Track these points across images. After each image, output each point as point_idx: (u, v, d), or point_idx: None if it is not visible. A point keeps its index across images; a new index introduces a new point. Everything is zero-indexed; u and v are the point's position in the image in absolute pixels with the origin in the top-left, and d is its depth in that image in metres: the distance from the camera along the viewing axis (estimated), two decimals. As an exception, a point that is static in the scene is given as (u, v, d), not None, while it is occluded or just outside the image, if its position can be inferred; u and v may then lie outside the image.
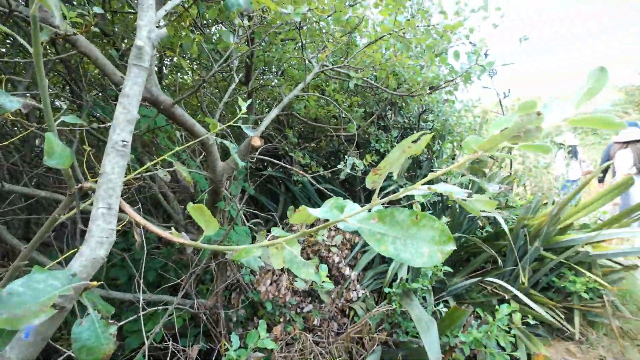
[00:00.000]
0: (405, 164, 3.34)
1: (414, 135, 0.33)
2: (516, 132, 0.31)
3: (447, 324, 1.74)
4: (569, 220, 2.50)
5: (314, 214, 0.37)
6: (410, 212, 0.35)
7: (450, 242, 0.32)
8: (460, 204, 0.36)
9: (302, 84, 1.45)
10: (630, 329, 2.42)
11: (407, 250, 0.33)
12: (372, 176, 0.35)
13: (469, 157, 0.35)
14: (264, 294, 1.84)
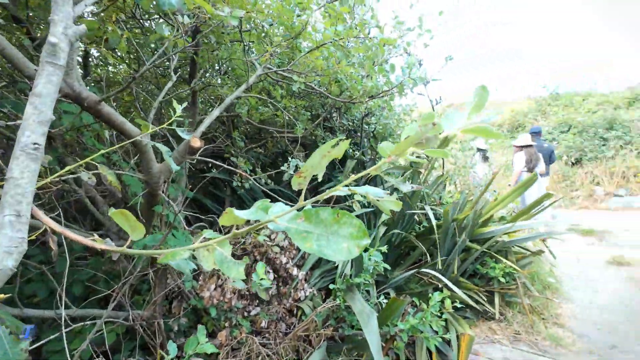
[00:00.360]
0: (350, 165, 3.48)
1: (333, 141, 0.37)
2: (418, 139, 0.36)
3: (388, 315, 1.86)
4: (489, 214, 2.84)
5: (241, 216, 0.38)
6: (332, 211, 0.38)
7: (365, 237, 0.36)
8: (374, 204, 0.41)
9: (245, 85, 1.44)
10: (537, 305, 2.82)
11: (329, 246, 0.36)
12: (297, 179, 0.38)
13: (385, 161, 0.40)
14: (207, 299, 1.78)
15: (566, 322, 2.77)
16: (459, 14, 30.70)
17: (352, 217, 0.38)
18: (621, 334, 2.62)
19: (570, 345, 2.46)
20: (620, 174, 7.13)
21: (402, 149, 0.36)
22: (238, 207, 2.80)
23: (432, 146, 0.36)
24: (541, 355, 2.37)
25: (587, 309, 3.00)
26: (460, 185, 4.01)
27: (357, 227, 0.37)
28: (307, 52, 1.53)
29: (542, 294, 2.97)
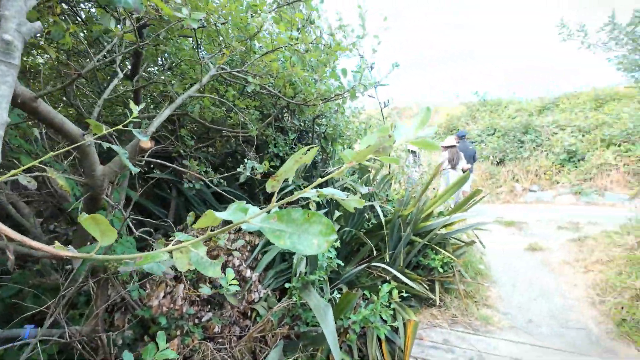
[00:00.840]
0: (301, 165, 3.53)
1: (305, 148, 0.40)
2: (376, 148, 0.42)
3: (341, 308, 1.95)
4: (430, 210, 3.10)
5: (220, 217, 0.40)
6: (303, 211, 0.42)
7: (333, 233, 0.41)
8: (340, 203, 0.45)
9: (198, 85, 1.39)
10: (470, 290, 3.16)
11: (301, 242, 0.40)
12: (271, 181, 0.41)
13: (347, 166, 0.45)
14: (156, 308, 1.69)
15: (494, 303, 3.15)
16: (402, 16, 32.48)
17: (321, 216, 0.42)
18: (536, 309, 3.06)
19: (497, 323, 2.81)
20: (534, 172, 8.26)
21: (363, 155, 0.42)
22: (186, 210, 2.69)
23: (387, 154, 0.42)
24: (474, 334, 2.67)
25: (509, 290, 3.44)
26: (404, 183, 4.32)
27: (325, 225, 0.41)
28: (263, 54, 1.54)
29: (475, 279, 3.34)
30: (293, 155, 0.40)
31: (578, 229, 4.90)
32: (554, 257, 4.12)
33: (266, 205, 0.45)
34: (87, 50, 1.19)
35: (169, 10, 0.91)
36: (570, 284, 3.46)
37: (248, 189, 3.65)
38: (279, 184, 0.42)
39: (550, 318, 2.91)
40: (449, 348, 2.46)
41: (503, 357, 2.36)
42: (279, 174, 0.40)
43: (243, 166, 1.61)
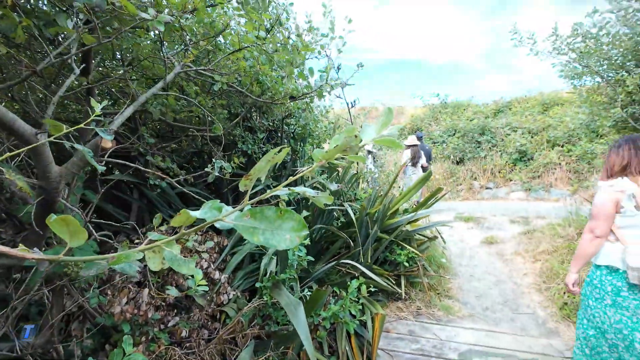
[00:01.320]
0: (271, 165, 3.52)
1: (277, 148, 0.43)
2: (344, 148, 0.45)
3: (312, 305, 1.98)
4: (396, 207, 3.23)
5: (194, 215, 0.41)
6: (276, 209, 0.45)
7: (304, 229, 0.43)
8: (312, 200, 0.48)
9: (162, 83, 1.35)
10: (433, 283, 3.34)
11: (274, 238, 0.42)
12: (244, 181, 0.43)
13: (317, 164, 0.48)
14: (119, 315, 1.61)
15: (454, 294, 3.35)
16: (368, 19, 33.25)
17: (293, 213, 0.44)
18: (491, 297, 3.31)
19: (457, 312, 3.00)
20: (490, 171, 8.86)
21: (331, 155, 0.45)
22: (149, 213, 2.59)
23: (354, 153, 0.45)
24: (436, 324, 2.82)
25: (468, 281, 3.68)
26: (372, 182, 4.45)
27: (297, 221, 0.44)
28: (230, 53, 1.52)
29: (437, 272, 3.53)
30: (266, 155, 0.42)
31: (528, 222, 5.33)
32: (507, 249, 4.46)
33: (235, 205, 0.46)
34: (44, 45, 1.11)
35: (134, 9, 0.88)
36: (521, 272, 3.77)
37: (215, 189, 3.57)
38: (252, 182, 0.44)
39: (504, 305, 3.15)
40: (414, 338, 2.59)
41: (462, 344, 2.53)
42: (252, 174, 0.42)
43: (211, 165, 1.58)
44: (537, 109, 10.19)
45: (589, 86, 3.51)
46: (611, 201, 1.66)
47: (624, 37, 2.78)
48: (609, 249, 1.71)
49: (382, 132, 0.48)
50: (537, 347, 2.49)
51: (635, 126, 2.87)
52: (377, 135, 0.48)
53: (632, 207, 1.60)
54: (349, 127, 0.45)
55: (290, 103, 2.41)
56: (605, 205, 1.68)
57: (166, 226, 2.00)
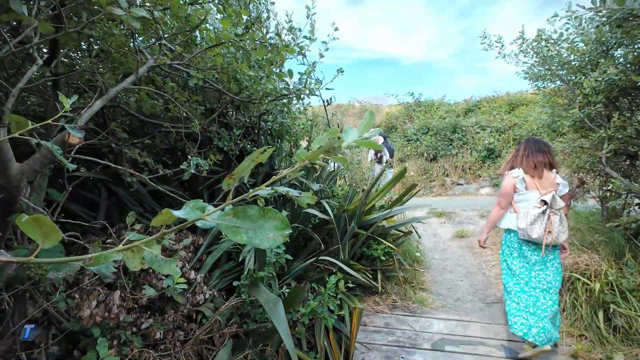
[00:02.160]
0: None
1: (262, 149, 0.43)
2: (327, 149, 0.46)
3: (291, 302, 1.99)
4: (372, 203, 3.30)
5: (176, 215, 0.41)
6: (259, 208, 0.45)
7: (288, 228, 0.44)
8: (294, 199, 0.49)
9: (134, 76, 1.29)
10: (408, 276, 3.45)
11: (257, 237, 0.43)
12: (227, 180, 0.43)
13: (300, 165, 0.48)
14: (88, 319, 1.54)
15: (428, 286, 3.48)
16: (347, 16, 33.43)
17: (276, 212, 0.45)
18: (462, 289, 3.46)
19: (431, 304, 3.12)
20: (461, 167, 9.23)
21: (315, 155, 0.46)
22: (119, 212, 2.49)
23: (337, 154, 0.46)
24: (411, 315, 2.92)
25: (441, 273, 3.83)
26: (349, 179, 4.51)
27: (280, 220, 0.44)
28: (206, 48, 1.47)
29: (412, 266, 3.64)
30: (250, 155, 0.42)
31: (495, 217, 5.60)
32: (476, 242, 4.67)
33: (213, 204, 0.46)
34: (1, 33, 1.02)
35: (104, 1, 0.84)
36: (490, 264, 3.98)
37: (189, 187, 3.47)
38: (236, 182, 0.44)
39: (474, 295, 3.31)
40: (390, 331, 2.67)
41: (435, 334, 2.63)
42: (236, 173, 0.42)
43: (187, 163, 1.54)
44: (504, 108, 10.71)
45: (550, 88, 3.74)
46: (511, 184, 2.35)
47: (581, 43, 2.99)
48: (509, 216, 2.40)
49: (363, 134, 0.50)
50: (504, 333, 2.65)
51: (591, 126, 3.10)
52: (359, 138, 0.49)
53: (523, 188, 2.32)
54: (332, 129, 0.46)
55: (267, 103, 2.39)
56: (507, 187, 2.37)
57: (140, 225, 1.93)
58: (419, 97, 12.94)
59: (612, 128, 2.94)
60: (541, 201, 2.22)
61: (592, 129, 3.10)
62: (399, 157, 10.25)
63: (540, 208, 2.21)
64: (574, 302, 2.69)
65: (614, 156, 3.25)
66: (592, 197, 3.86)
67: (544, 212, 2.20)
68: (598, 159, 3.19)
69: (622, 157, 3.34)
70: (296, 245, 3.24)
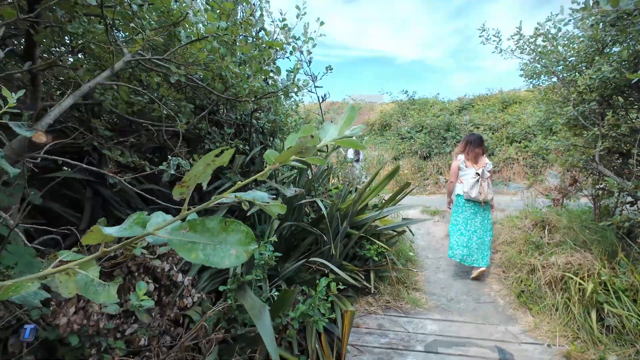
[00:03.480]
0: (239, 160, 3.39)
1: (217, 150, 0.37)
2: (299, 149, 0.40)
3: (280, 306, 1.93)
4: (365, 202, 3.24)
5: (109, 233, 0.34)
6: (220, 219, 0.39)
7: (253, 242, 0.38)
8: (262, 208, 0.43)
9: (109, 71, 1.21)
10: (401, 276, 3.41)
11: (217, 254, 0.37)
12: (179, 189, 0.36)
13: (270, 168, 0.42)
14: (64, 327, 1.47)
15: (422, 286, 3.45)
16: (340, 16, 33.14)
17: (240, 224, 0.39)
18: (455, 288, 3.44)
19: (424, 304, 3.08)
20: (454, 166, 9.25)
21: (285, 157, 0.40)
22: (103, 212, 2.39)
23: (311, 154, 0.40)
24: (404, 316, 2.88)
25: (434, 272, 3.80)
26: (342, 177, 4.45)
27: (245, 233, 0.38)
28: (187, 43, 1.40)
29: (405, 266, 3.60)
30: (203, 158, 0.36)
31: (489, 215, 5.60)
32: (470, 241, 4.64)
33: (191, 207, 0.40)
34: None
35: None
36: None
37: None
38: (189, 190, 0.37)
39: (467, 295, 3.29)
40: (383, 332, 2.62)
41: (428, 335, 2.60)
42: (187, 181, 0.36)
43: (166, 163, 1.46)
44: (498, 106, 10.74)
45: (546, 85, 3.71)
46: (456, 165, 3.61)
47: (577, 39, 2.96)
48: (459, 186, 3.62)
49: (344, 131, 0.44)
50: (497, 334, 2.62)
51: (584, 124, 3.08)
52: (338, 135, 0.43)
53: (464, 167, 3.54)
54: (305, 126, 0.40)
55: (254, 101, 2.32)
56: (454, 167, 3.63)
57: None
58: (412, 95, 12.93)
59: (605, 126, 2.92)
60: (475, 173, 3.47)
61: (586, 127, 3.08)
62: (394, 156, 10.22)
63: (475, 178, 3.46)
64: (566, 302, 2.67)
65: (607, 154, 3.24)
66: (584, 196, 3.85)
67: (477, 180, 3.45)
68: (591, 157, 3.18)
69: (614, 156, 3.33)
70: (289, 244, 3.18)
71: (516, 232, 4.09)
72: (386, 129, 12.08)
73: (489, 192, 3.47)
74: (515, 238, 3.98)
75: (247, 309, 1.61)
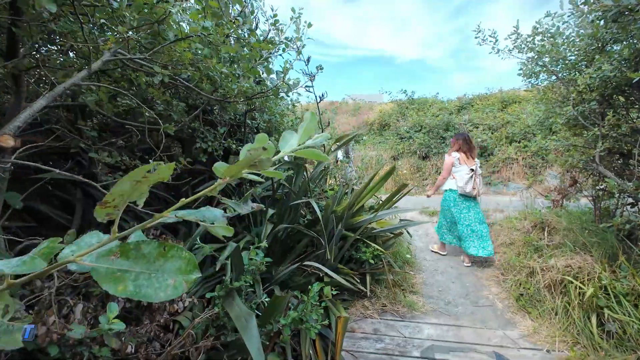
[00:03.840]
0: (232, 161, 3.34)
1: (148, 166, 0.31)
2: (250, 162, 0.34)
3: (271, 312, 1.87)
4: (361, 204, 3.19)
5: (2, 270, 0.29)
6: (157, 243, 0.33)
7: (195, 271, 0.33)
8: (207, 229, 0.38)
9: (85, 71, 1.15)
10: (398, 279, 3.35)
11: (151, 285, 0.31)
12: (102, 209, 0.31)
13: (220, 182, 0.37)
14: (43, 337, 1.41)
15: (419, 289, 3.39)
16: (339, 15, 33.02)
17: (182, 249, 0.33)
18: (453, 291, 3.38)
19: (421, 307, 3.03)
20: (454, 166, 9.19)
21: (234, 171, 0.34)
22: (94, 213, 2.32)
23: (266, 167, 0.35)
24: (401, 320, 2.83)
25: (432, 275, 3.74)
26: (339, 179, 4.39)
27: (187, 260, 0.33)
28: (169, 42, 1.34)
29: (402, 269, 3.55)
30: (130, 173, 0.30)
31: (488, 216, 5.55)
32: (469, 242, 4.58)
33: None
34: None
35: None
36: (482, 265, 3.90)
37: (174, 188, 3.33)
38: (117, 210, 0.32)
39: (465, 298, 3.23)
40: (378, 337, 2.57)
41: (425, 340, 2.54)
42: (111, 200, 0.31)
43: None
44: (497, 106, 10.67)
45: (545, 85, 3.65)
46: (451, 161, 3.84)
47: (577, 37, 2.90)
48: (450, 181, 3.90)
49: (305, 141, 0.38)
50: (496, 338, 2.57)
51: (584, 124, 3.02)
52: (298, 147, 0.38)
53: (458, 164, 3.78)
54: (259, 136, 0.34)
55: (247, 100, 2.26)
56: (448, 163, 3.86)
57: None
58: (411, 94, 12.87)
59: (606, 126, 2.87)
60: (470, 169, 3.70)
61: (586, 127, 3.02)
62: (392, 155, 10.16)
63: (469, 174, 3.69)
64: (566, 306, 2.62)
65: (607, 155, 3.18)
66: (584, 196, 3.80)
67: (471, 176, 3.69)
68: (591, 157, 3.12)
69: (615, 156, 3.27)
70: (284, 247, 3.12)
71: (515, 233, 4.03)
72: (385, 129, 12.02)
73: (480, 187, 3.79)
74: (514, 240, 3.92)
75: (232, 317, 1.55)
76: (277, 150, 0.45)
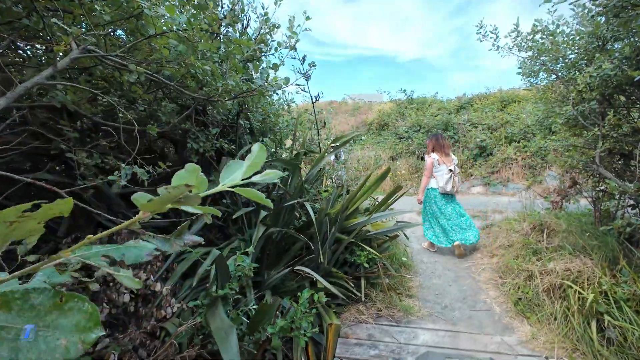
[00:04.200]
0: (225, 162, 3.27)
1: (26, 205, 0.25)
2: (173, 199, 0.28)
3: (259, 320, 1.81)
4: (355, 206, 3.12)
5: None
6: (53, 292, 0.27)
7: (97, 328, 0.26)
8: (114, 276, 0.31)
9: (51, 69, 1.08)
10: (394, 283, 3.29)
11: (35, 347, 0.24)
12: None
13: (139, 217, 0.30)
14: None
15: (415, 293, 3.33)
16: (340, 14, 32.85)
17: (83, 299, 0.27)
18: (450, 294, 3.32)
19: (417, 312, 2.96)
20: (452, 165, 9.12)
21: (159, 204, 0.28)
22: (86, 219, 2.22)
23: (193, 204, 0.28)
24: (396, 325, 2.77)
25: (429, 278, 3.68)
26: (335, 180, 4.33)
27: (88, 314, 0.26)
28: (144, 38, 1.27)
29: (398, 272, 3.48)
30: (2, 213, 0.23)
31: (486, 217, 5.49)
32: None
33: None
34: None
35: None
36: (479, 267, 3.84)
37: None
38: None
39: (462, 302, 3.17)
40: (373, 344, 2.51)
41: (420, 346, 2.48)
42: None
43: (118, 172, 1.34)
44: (496, 105, 10.60)
45: (544, 84, 3.58)
46: (431, 162, 4.08)
47: (577, 35, 2.83)
48: (432, 180, 4.15)
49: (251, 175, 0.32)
50: (493, 345, 2.50)
51: (584, 123, 2.95)
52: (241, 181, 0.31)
53: (437, 164, 4.04)
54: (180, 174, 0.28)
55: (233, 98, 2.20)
56: (429, 164, 4.09)
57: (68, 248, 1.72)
58: (411, 94, 12.79)
59: (606, 126, 2.80)
60: (448, 170, 3.99)
61: (586, 127, 2.96)
62: (391, 156, 10.09)
63: (448, 174, 3.99)
64: (565, 311, 2.55)
65: (607, 155, 3.12)
66: (584, 197, 3.73)
67: (450, 176, 4.00)
68: (591, 158, 3.05)
69: (616, 157, 3.21)
70: (279, 249, 3.06)
71: (514, 235, 3.97)
72: (384, 129, 11.95)
73: (458, 185, 4.16)
74: (512, 242, 3.86)
75: (212, 330, 1.49)
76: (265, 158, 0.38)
